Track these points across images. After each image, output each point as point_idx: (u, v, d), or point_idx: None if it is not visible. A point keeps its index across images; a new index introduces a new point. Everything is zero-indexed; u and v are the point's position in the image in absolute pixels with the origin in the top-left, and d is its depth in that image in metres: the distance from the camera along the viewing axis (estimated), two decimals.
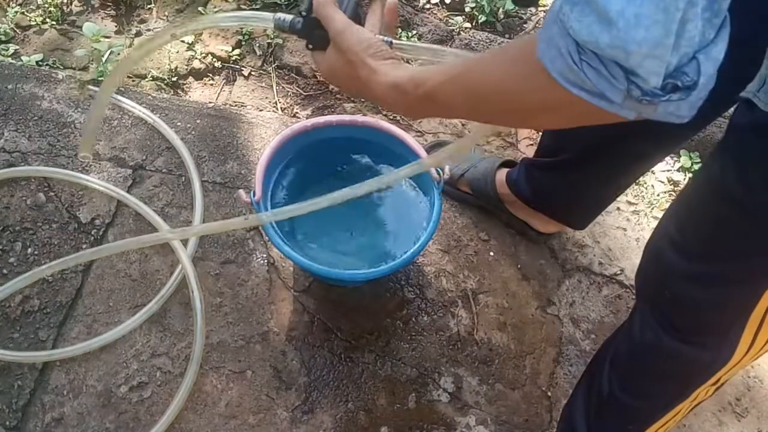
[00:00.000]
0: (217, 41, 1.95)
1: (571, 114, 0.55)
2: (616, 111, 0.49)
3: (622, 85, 0.46)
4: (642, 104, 0.47)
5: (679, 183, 1.71)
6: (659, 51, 0.43)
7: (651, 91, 0.46)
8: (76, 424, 1.21)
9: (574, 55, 0.47)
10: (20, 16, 1.95)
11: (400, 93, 0.69)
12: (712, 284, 0.81)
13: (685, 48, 0.44)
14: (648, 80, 0.45)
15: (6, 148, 1.53)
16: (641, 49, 0.43)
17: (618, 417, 1.04)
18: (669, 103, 0.46)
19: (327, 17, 0.73)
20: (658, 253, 0.89)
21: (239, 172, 1.57)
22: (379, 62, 0.70)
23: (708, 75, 0.46)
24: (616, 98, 0.47)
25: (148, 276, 1.39)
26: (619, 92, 0.47)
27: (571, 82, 0.49)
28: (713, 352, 0.87)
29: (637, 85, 0.46)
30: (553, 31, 0.49)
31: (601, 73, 0.46)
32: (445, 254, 1.50)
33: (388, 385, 1.32)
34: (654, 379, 0.97)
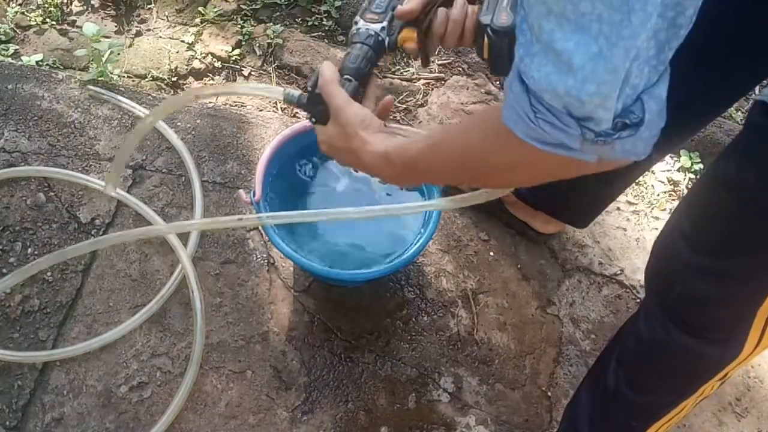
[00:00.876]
0: (217, 41, 1.95)
1: (542, 168, 0.61)
2: (578, 156, 0.54)
3: (576, 131, 0.52)
4: (598, 145, 0.52)
5: (679, 183, 1.71)
6: (608, 104, 0.49)
7: (603, 132, 0.51)
8: (76, 424, 1.21)
9: (529, 114, 0.53)
10: (20, 16, 1.95)
11: (386, 162, 0.76)
12: (723, 280, 0.82)
13: (630, 93, 0.49)
14: (600, 124, 0.51)
15: (6, 148, 1.53)
16: (593, 100, 0.49)
17: (623, 414, 1.04)
18: (622, 140, 0.52)
19: (329, 93, 0.81)
20: (670, 249, 0.90)
21: (239, 172, 1.57)
22: (371, 135, 0.77)
23: (653, 112, 0.51)
24: (575, 144, 0.53)
25: (148, 276, 1.39)
26: (575, 139, 0.52)
27: (534, 138, 0.54)
28: (722, 347, 0.88)
29: (590, 129, 0.51)
30: (511, 95, 0.55)
31: (555, 125, 0.52)
32: (445, 254, 1.50)
33: (388, 385, 1.32)
34: (662, 375, 0.97)
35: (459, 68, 1.97)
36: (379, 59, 0.93)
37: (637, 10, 0.44)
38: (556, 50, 0.49)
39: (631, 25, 0.45)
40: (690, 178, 1.72)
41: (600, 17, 0.46)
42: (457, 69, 1.97)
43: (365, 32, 0.91)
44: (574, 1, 0.46)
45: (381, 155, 0.76)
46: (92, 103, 1.64)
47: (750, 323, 0.84)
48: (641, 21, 0.45)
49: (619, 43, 0.46)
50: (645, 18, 0.45)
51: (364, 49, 0.90)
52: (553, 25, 0.48)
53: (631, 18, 0.45)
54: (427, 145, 0.72)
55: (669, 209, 1.66)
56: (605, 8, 0.45)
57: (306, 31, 2.02)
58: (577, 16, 0.46)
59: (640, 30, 0.45)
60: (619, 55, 0.46)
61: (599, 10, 0.45)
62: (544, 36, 0.49)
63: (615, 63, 0.47)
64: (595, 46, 0.47)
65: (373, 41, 0.90)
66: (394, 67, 1.95)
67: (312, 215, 1.04)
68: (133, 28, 1.99)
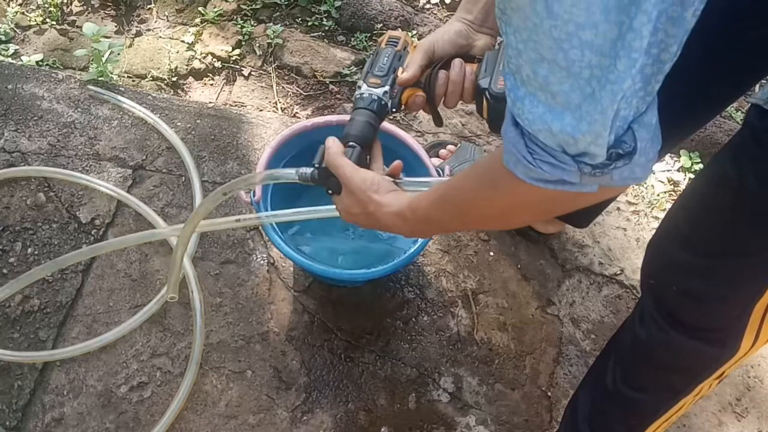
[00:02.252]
0: (217, 41, 1.95)
1: (548, 205, 0.64)
2: (579, 189, 0.57)
3: (572, 167, 0.54)
4: (596, 177, 0.55)
5: (679, 183, 1.71)
6: (599, 141, 0.52)
7: (600, 164, 0.54)
8: (76, 424, 1.21)
9: (527, 156, 0.56)
10: (20, 16, 1.95)
11: (402, 220, 0.80)
12: (720, 279, 0.83)
13: (621, 124, 0.52)
14: (594, 158, 0.53)
15: (6, 148, 1.53)
16: (586, 138, 0.51)
17: (621, 411, 1.04)
18: (619, 169, 0.54)
19: (336, 166, 0.87)
20: (665, 248, 0.90)
21: (239, 172, 1.57)
22: (383, 196, 0.82)
23: (644, 139, 0.53)
24: (574, 179, 0.56)
25: (148, 276, 1.39)
26: (574, 174, 0.55)
27: (535, 178, 0.57)
28: (718, 346, 0.88)
29: (586, 163, 0.54)
30: (508, 140, 0.57)
31: (553, 164, 0.55)
32: (445, 254, 1.50)
33: (388, 385, 1.32)
34: (659, 373, 0.97)
35: None
36: (382, 121, 0.98)
37: (622, 57, 0.47)
38: (552, 92, 0.51)
39: (617, 71, 0.47)
40: (690, 178, 1.72)
41: (590, 63, 0.48)
42: None
43: (368, 97, 0.96)
44: (564, 49, 0.48)
45: (396, 214, 0.80)
46: (92, 103, 1.64)
47: (746, 322, 0.84)
48: (626, 66, 0.47)
49: (606, 86, 0.48)
50: (630, 64, 0.47)
51: (367, 114, 0.95)
52: (546, 72, 0.51)
53: (617, 64, 0.47)
54: (435, 199, 0.75)
55: (669, 209, 1.67)
56: (594, 55, 0.47)
57: (306, 31, 2.02)
58: (568, 63, 0.49)
59: (625, 75, 0.47)
60: (607, 97, 0.49)
61: (588, 58, 0.48)
62: (539, 80, 0.52)
63: (604, 104, 0.49)
64: (588, 88, 0.49)
65: (376, 106, 0.96)
66: None
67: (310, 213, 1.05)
68: (133, 28, 1.99)
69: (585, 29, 0.46)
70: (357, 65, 1.92)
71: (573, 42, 0.47)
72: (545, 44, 0.49)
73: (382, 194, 0.83)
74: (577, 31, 0.47)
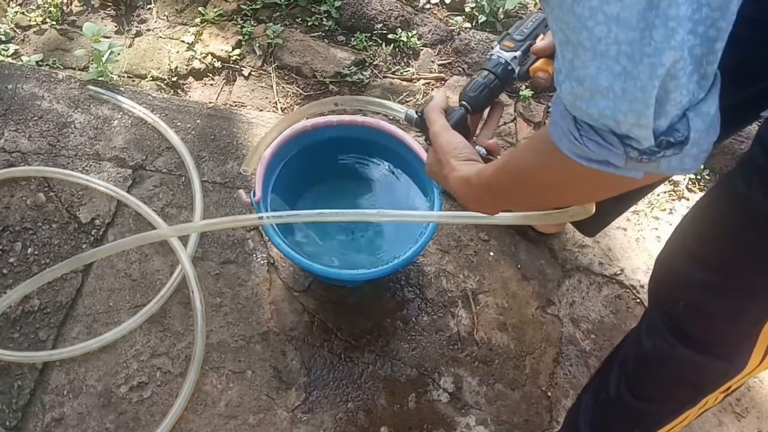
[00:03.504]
0: (217, 41, 1.95)
1: (590, 185, 0.61)
2: (623, 173, 0.54)
3: (619, 149, 0.52)
4: (642, 163, 0.52)
5: (679, 183, 1.71)
6: (643, 121, 0.48)
7: (647, 150, 0.51)
8: (76, 424, 1.21)
9: (574, 132, 0.53)
10: (20, 16, 1.95)
11: (468, 186, 0.79)
12: (728, 295, 0.81)
13: (674, 111, 0.48)
14: (641, 142, 0.50)
15: (6, 148, 1.53)
16: (628, 119, 0.49)
17: (624, 421, 1.04)
18: (667, 158, 0.51)
19: (429, 120, 0.88)
20: (674, 263, 0.89)
21: (239, 172, 1.57)
22: (459, 162, 0.82)
23: (698, 130, 0.50)
24: (619, 162, 0.53)
25: (148, 276, 1.39)
26: (619, 156, 0.52)
27: (580, 155, 0.55)
28: (726, 361, 0.87)
29: (633, 147, 0.51)
30: (556, 113, 0.55)
31: (599, 143, 0.52)
32: (445, 254, 1.50)
33: (388, 385, 1.32)
34: (664, 385, 0.96)
35: (459, 68, 1.97)
36: (505, 87, 0.94)
37: (658, 26, 0.44)
38: (578, 78, 0.49)
39: (654, 42, 0.44)
40: (690, 178, 1.72)
41: (617, 39, 0.45)
42: (457, 69, 1.97)
43: (496, 59, 0.92)
44: (589, 27, 0.46)
45: (463, 179, 0.80)
46: (92, 103, 1.64)
47: (755, 339, 0.83)
48: (664, 37, 0.44)
49: (643, 59, 0.45)
50: (668, 34, 0.44)
51: (489, 77, 0.92)
52: (571, 55, 0.49)
53: (653, 35, 0.44)
54: (499, 165, 0.74)
55: (669, 209, 1.67)
56: (621, 29, 0.45)
57: (306, 31, 2.02)
58: (593, 43, 0.47)
59: (664, 46, 0.44)
60: (645, 72, 0.46)
61: (614, 33, 0.45)
62: (566, 65, 0.50)
63: (643, 80, 0.46)
64: (617, 66, 0.47)
65: (501, 69, 0.92)
66: (394, 67, 1.94)
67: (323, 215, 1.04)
68: (133, 28, 1.99)
69: (609, 3, 0.44)
70: (357, 65, 1.92)
71: (598, 18, 0.45)
72: (570, 23, 0.47)
73: (460, 160, 0.82)
74: (601, 6, 0.45)
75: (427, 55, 1.99)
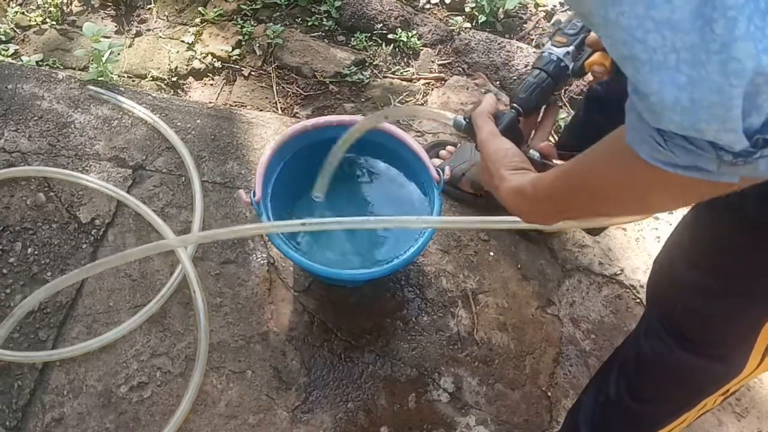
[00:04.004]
0: (217, 41, 1.95)
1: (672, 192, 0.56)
2: (716, 179, 0.49)
3: (711, 154, 0.46)
4: (738, 166, 0.47)
5: None
6: (729, 125, 0.43)
7: (742, 152, 0.46)
8: (76, 424, 1.21)
9: (656, 138, 0.48)
10: (20, 16, 1.95)
11: (521, 197, 0.75)
12: (726, 298, 0.81)
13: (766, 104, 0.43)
14: (733, 146, 0.45)
15: (6, 148, 1.53)
16: (711, 127, 0.44)
17: (624, 422, 1.04)
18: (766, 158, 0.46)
19: (477, 126, 0.84)
20: (672, 266, 0.89)
21: (239, 172, 1.57)
22: (510, 171, 0.77)
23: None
24: (711, 167, 0.48)
25: (148, 276, 1.39)
26: (711, 161, 0.47)
27: (662, 161, 0.50)
28: (724, 364, 0.87)
29: (726, 150, 0.46)
30: (632, 117, 0.51)
31: (687, 148, 0.47)
32: (445, 254, 1.50)
33: (388, 385, 1.32)
34: (663, 387, 0.96)
35: (459, 68, 1.97)
36: (560, 86, 0.90)
37: (717, 19, 0.40)
38: (642, 93, 0.46)
39: (718, 37, 0.41)
40: None
41: (674, 46, 0.42)
42: (457, 69, 1.97)
43: (547, 57, 0.88)
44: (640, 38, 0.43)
45: (516, 190, 0.76)
46: (92, 103, 1.64)
47: (753, 342, 0.83)
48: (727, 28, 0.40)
49: (711, 58, 0.41)
50: (730, 24, 0.40)
51: (541, 77, 0.87)
52: (631, 70, 0.45)
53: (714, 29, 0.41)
54: (560, 172, 0.69)
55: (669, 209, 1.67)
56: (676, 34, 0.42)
57: (306, 31, 2.02)
58: (650, 54, 0.43)
59: (729, 38, 0.40)
60: (716, 72, 0.42)
61: (670, 40, 0.42)
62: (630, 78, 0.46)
63: (716, 81, 0.42)
64: (681, 77, 0.43)
65: (553, 67, 0.87)
66: (394, 67, 1.94)
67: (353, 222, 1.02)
68: (133, 28, 2.00)
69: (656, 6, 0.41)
70: (357, 65, 1.92)
71: (647, 26, 0.42)
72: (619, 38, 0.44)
73: (510, 170, 0.77)
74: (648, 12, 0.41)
75: (427, 55, 1.99)
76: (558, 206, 0.72)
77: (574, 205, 0.70)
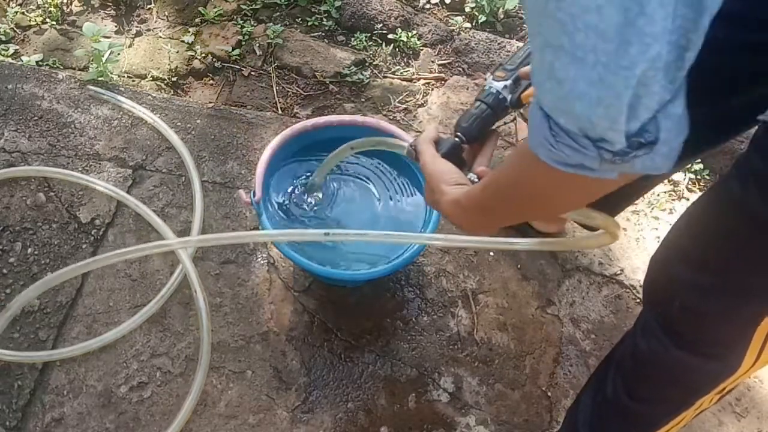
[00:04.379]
0: (217, 41, 1.95)
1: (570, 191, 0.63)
2: (599, 175, 0.56)
3: (593, 152, 0.54)
4: (616, 164, 0.54)
5: (679, 183, 1.71)
6: (617, 126, 0.51)
7: (620, 151, 0.53)
8: (76, 424, 1.21)
9: (549, 139, 0.55)
10: (20, 16, 1.95)
11: (458, 208, 0.82)
12: (722, 296, 0.82)
13: (645, 114, 0.51)
14: (614, 144, 0.53)
15: (6, 148, 1.53)
16: (602, 123, 0.51)
17: (622, 421, 1.04)
18: (640, 158, 0.53)
19: (419, 151, 0.93)
20: (669, 264, 0.89)
21: (239, 172, 1.57)
22: (450, 187, 0.84)
23: (667, 129, 0.52)
24: (594, 165, 0.55)
25: (148, 276, 1.39)
26: (593, 159, 0.54)
27: (557, 161, 0.57)
28: (720, 362, 0.88)
29: (606, 149, 0.53)
30: (533, 121, 0.57)
31: (573, 147, 0.54)
32: (445, 254, 1.50)
33: (388, 385, 1.32)
34: (659, 386, 0.97)
35: (459, 68, 1.97)
36: (499, 117, 0.96)
37: (633, 43, 0.46)
38: (558, 79, 0.51)
39: (629, 56, 0.47)
40: (690, 178, 1.72)
41: (595, 48, 0.47)
42: (457, 69, 1.97)
43: (488, 90, 0.95)
44: (569, 33, 0.48)
45: (454, 202, 0.82)
46: (92, 103, 1.64)
47: (749, 340, 0.83)
48: (639, 52, 0.47)
49: (619, 72, 0.48)
50: (643, 49, 0.46)
51: (481, 108, 0.94)
52: (552, 57, 0.50)
53: (629, 49, 0.47)
54: (486, 182, 0.76)
55: (669, 209, 1.67)
56: (599, 39, 0.47)
57: (306, 31, 2.02)
58: (573, 48, 0.48)
59: (638, 60, 0.47)
60: (620, 83, 0.48)
61: (593, 41, 0.47)
62: (546, 66, 0.51)
63: (618, 89, 0.49)
64: (594, 74, 0.49)
65: (492, 99, 0.94)
66: (394, 67, 1.94)
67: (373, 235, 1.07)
68: (133, 28, 1.99)
69: (590, 12, 0.46)
70: (357, 65, 1.92)
71: (578, 24, 0.47)
72: (551, 27, 0.49)
73: (449, 185, 0.84)
74: (581, 14, 0.46)
75: (427, 55, 1.99)
76: (487, 213, 0.79)
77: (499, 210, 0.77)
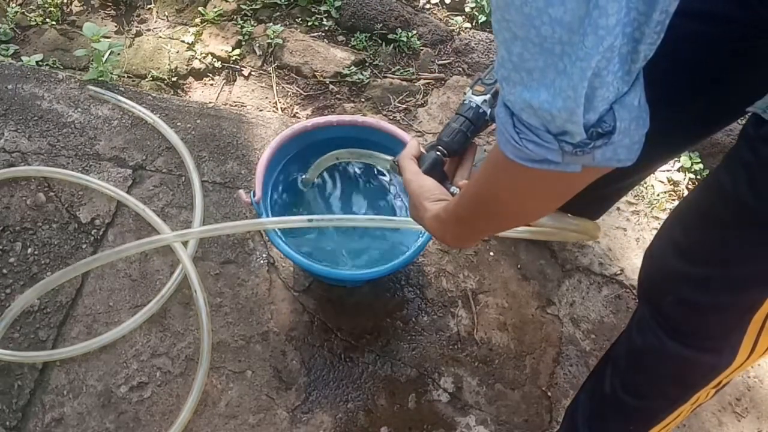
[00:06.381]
0: (217, 41, 1.95)
1: (539, 188, 0.64)
2: (563, 169, 0.58)
3: (554, 145, 0.55)
4: (578, 156, 0.55)
5: (679, 183, 1.71)
6: (574, 118, 0.52)
7: (580, 143, 0.54)
8: (76, 424, 1.21)
9: (514, 136, 0.57)
10: (20, 16, 1.95)
11: (439, 222, 0.83)
12: (716, 289, 0.82)
13: (601, 105, 0.52)
14: (574, 136, 0.54)
15: (6, 148, 1.53)
16: (561, 115, 0.52)
17: (620, 417, 1.04)
18: (600, 149, 0.55)
19: (401, 167, 0.94)
20: (662, 258, 0.90)
21: (239, 172, 1.57)
22: (431, 203, 0.86)
23: (625, 120, 0.54)
24: (557, 158, 0.56)
25: (148, 276, 1.39)
26: (556, 153, 0.56)
27: (522, 158, 0.58)
28: (715, 355, 0.88)
29: (567, 142, 0.55)
30: (499, 121, 0.58)
31: (536, 142, 0.56)
32: (445, 254, 1.50)
33: (388, 385, 1.32)
34: (655, 381, 0.97)
35: (459, 68, 1.97)
36: (479, 130, 0.98)
37: (589, 34, 0.48)
38: (528, 69, 0.52)
39: (584, 48, 0.48)
40: (690, 178, 1.72)
41: (561, 40, 0.49)
42: (457, 69, 1.97)
43: (468, 104, 0.97)
44: (536, 26, 0.49)
45: (435, 217, 0.83)
46: (92, 103, 1.64)
47: (743, 332, 0.84)
48: (593, 44, 0.48)
49: (576, 63, 0.49)
50: (597, 41, 0.48)
51: (460, 121, 0.96)
52: (520, 48, 0.52)
53: (585, 41, 0.48)
54: (461, 195, 0.77)
55: (669, 209, 1.66)
56: (564, 31, 0.48)
57: (306, 31, 2.02)
58: (540, 40, 0.50)
59: (593, 52, 0.48)
60: (577, 74, 0.50)
61: (559, 34, 0.49)
62: (513, 59, 0.53)
63: (574, 80, 0.50)
64: (561, 64, 0.50)
65: (472, 113, 0.96)
66: (394, 67, 1.95)
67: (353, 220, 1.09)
68: (133, 28, 2.00)
69: (554, 6, 0.47)
70: (357, 65, 1.92)
71: (543, 18, 0.48)
72: (517, 21, 0.50)
73: (431, 201, 0.86)
74: (546, 8, 0.48)
75: (427, 55, 1.99)
76: (466, 225, 0.79)
77: (477, 220, 0.77)
